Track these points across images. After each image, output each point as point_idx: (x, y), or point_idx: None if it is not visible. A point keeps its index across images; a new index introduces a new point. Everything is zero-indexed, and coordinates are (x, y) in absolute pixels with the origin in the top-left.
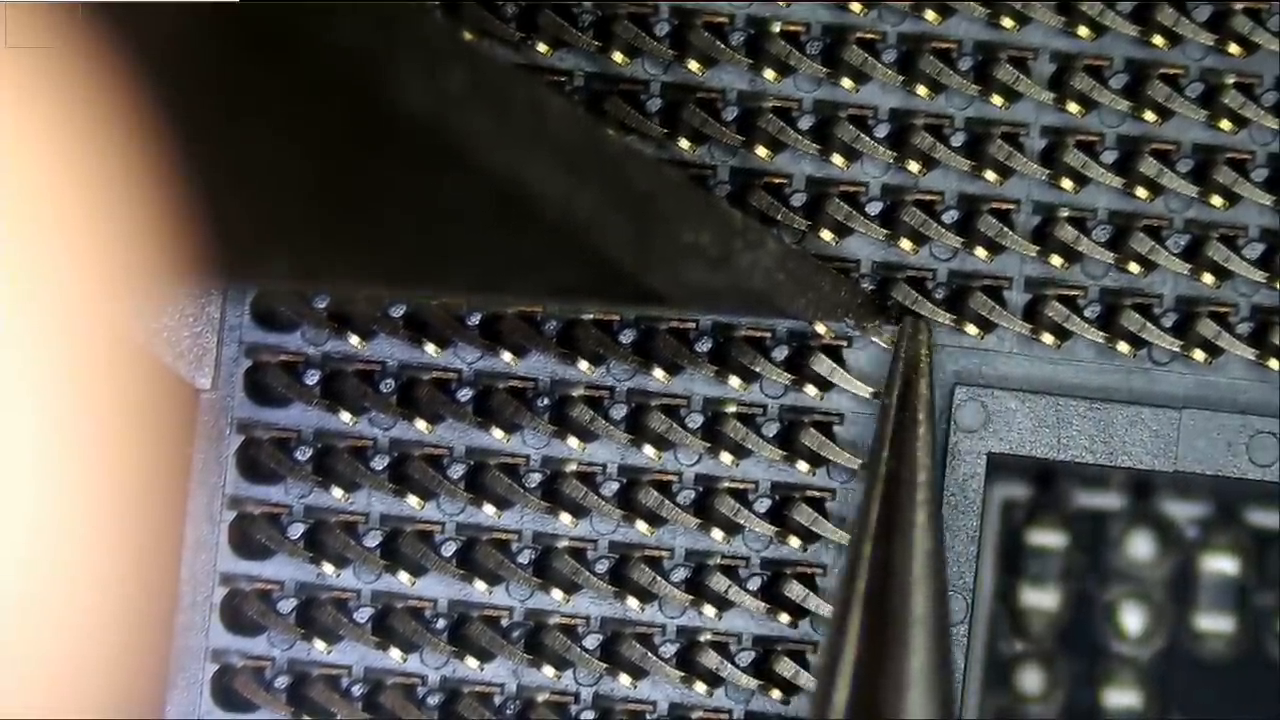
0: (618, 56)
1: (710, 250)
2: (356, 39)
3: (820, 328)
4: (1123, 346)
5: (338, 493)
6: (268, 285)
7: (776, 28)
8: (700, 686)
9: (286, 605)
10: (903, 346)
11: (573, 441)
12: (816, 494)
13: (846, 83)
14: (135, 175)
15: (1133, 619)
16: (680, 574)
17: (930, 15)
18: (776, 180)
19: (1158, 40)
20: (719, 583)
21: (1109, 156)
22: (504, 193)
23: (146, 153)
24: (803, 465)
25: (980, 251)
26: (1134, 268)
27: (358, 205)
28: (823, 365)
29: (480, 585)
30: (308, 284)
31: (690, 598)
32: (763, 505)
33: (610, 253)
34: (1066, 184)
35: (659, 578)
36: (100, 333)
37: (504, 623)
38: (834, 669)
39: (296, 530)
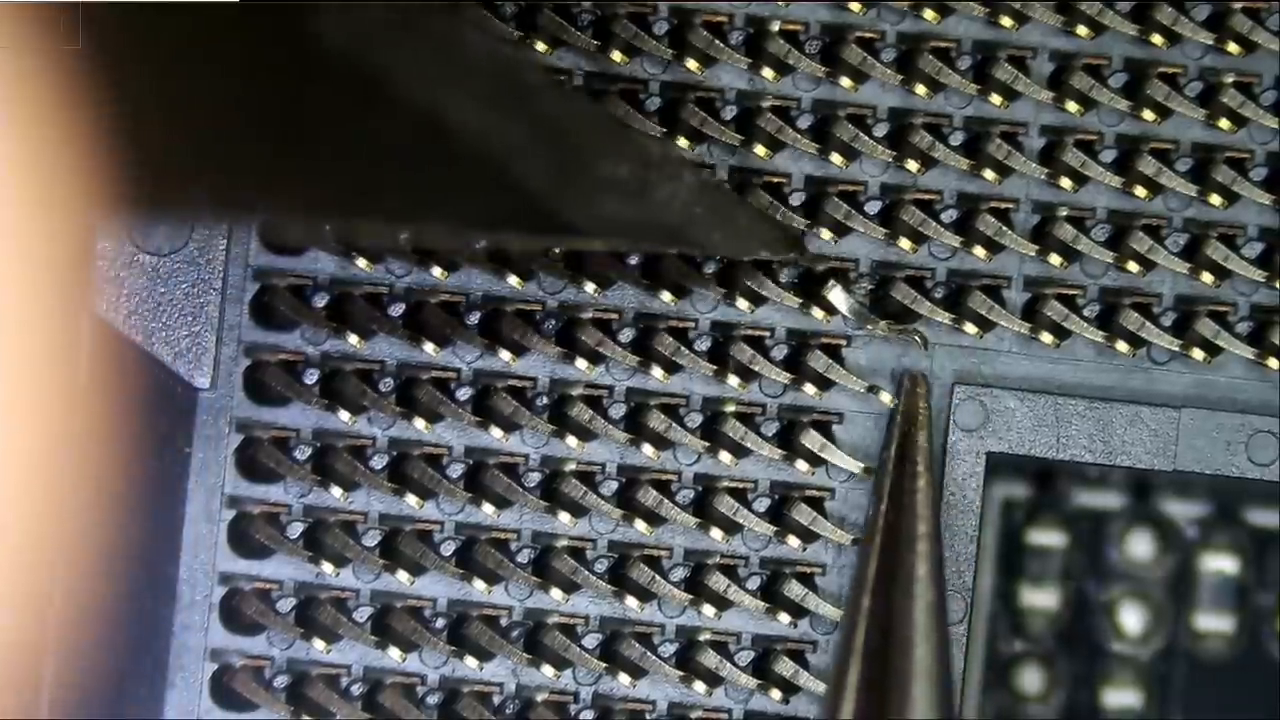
0: (617, 55)
1: (627, 183)
2: None
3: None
4: (1122, 346)
5: (337, 492)
6: (192, 216)
7: (775, 27)
8: (699, 686)
9: (286, 604)
10: (901, 400)
11: (571, 441)
12: (815, 493)
13: (845, 82)
14: (58, 107)
15: (1132, 619)
16: (679, 573)
17: (929, 14)
18: (775, 179)
19: (1157, 39)
20: (718, 582)
21: (1108, 155)
22: (423, 125)
23: (69, 86)
24: (802, 464)
25: (979, 250)
26: (1133, 267)
27: (279, 136)
28: (821, 364)
29: (479, 585)
30: (230, 214)
31: (689, 597)
32: (762, 504)
33: (529, 185)
34: (1065, 183)
35: (658, 577)
36: (63, 295)
37: (503, 622)
38: None
39: (295, 529)
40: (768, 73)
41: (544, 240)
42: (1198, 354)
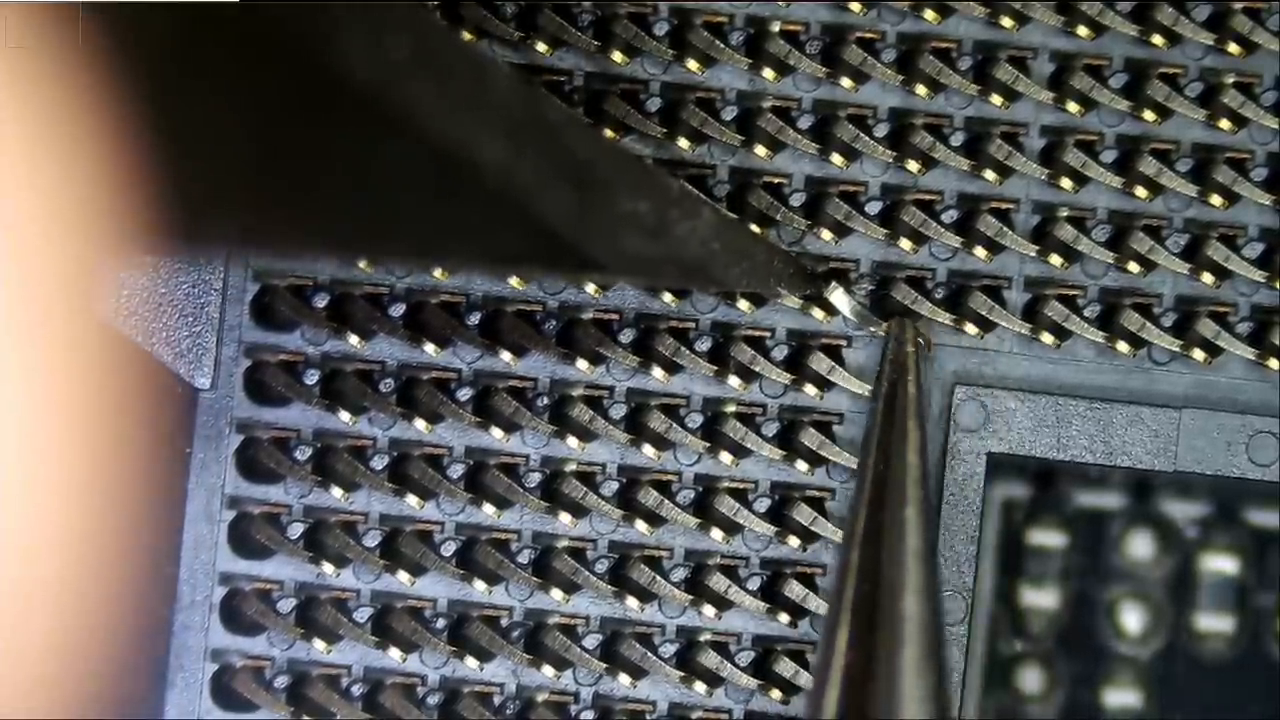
0: (617, 56)
1: (647, 219)
2: (304, 11)
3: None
4: (1122, 346)
5: (337, 492)
6: (220, 250)
7: (776, 27)
8: (700, 686)
9: (286, 605)
10: (889, 349)
11: (572, 441)
12: (816, 494)
13: (846, 82)
14: (93, 144)
15: (1133, 619)
16: (680, 574)
17: (930, 15)
18: (776, 180)
19: (1157, 40)
20: (718, 582)
21: (1108, 156)
22: (445, 160)
23: (103, 123)
24: (802, 465)
25: (980, 251)
26: (1133, 267)
27: (303, 171)
28: (822, 364)
29: (480, 585)
30: (256, 249)
31: (690, 597)
32: (762, 505)
33: (550, 221)
34: (1066, 183)
35: (658, 577)
36: (80, 312)
37: (503, 622)
38: (825, 677)
39: (296, 530)
40: (768, 73)
41: (564, 275)
42: (1198, 354)
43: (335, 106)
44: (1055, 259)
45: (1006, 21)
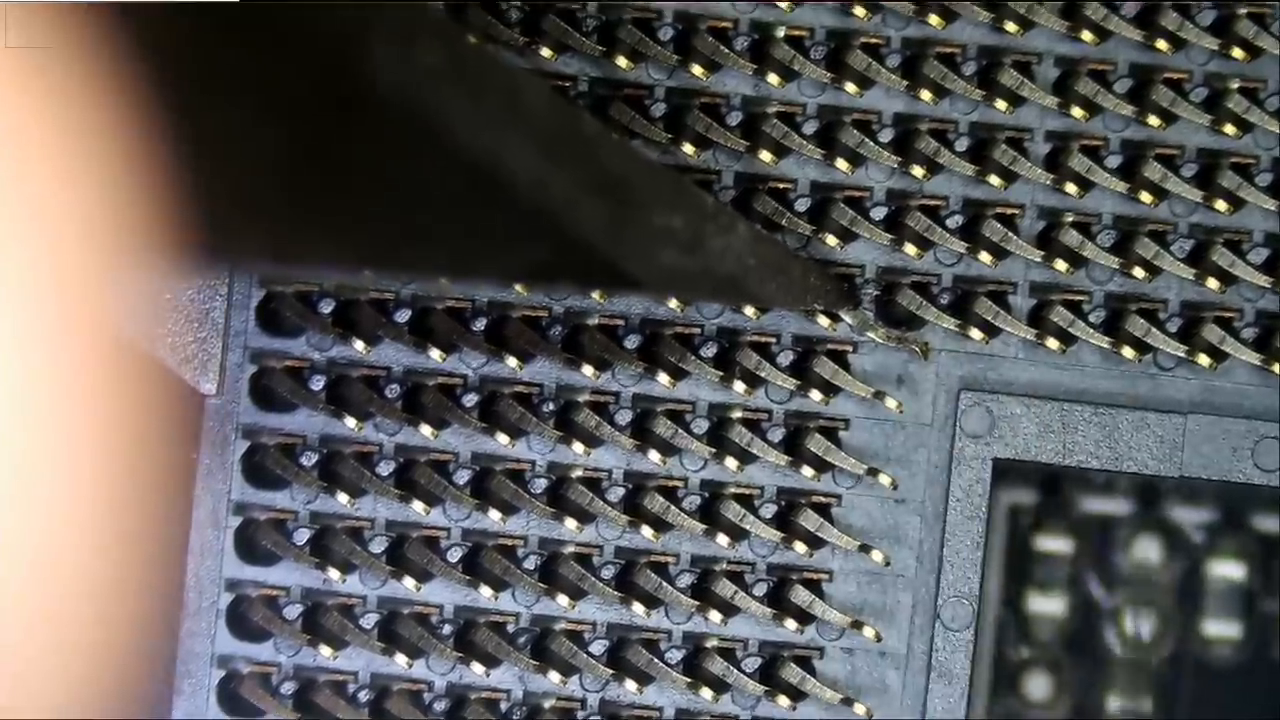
0: (622, 61)
1: (682, 234)
2: (332, 18)
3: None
4: (1128, 351)
5: (343, 498)
6: (248, 266)
7: (780, 32)
8: (706, 692)
9: (292, 611)
10: None
11: (578, 447)
12: (822, 499)
13: (850, 87)
14: (121, 158)
15: (1139, 624)
16: (686, 579)
17: (934, 20)
18: (781, 185)
19: (1162, 45)
20: (725, 588)
21: (1113, 161)
22: (478, 173)
23: (131, 136)
24: (808, 470)
25: (985, 256)
26: (1139, 272)
27: (333, 185)
28: (826, 369)
29: (486, 591)
30: (285, 263)
31: (696, 603)
32: (768, 510)
33: (584, 235)
34: (1071, 189)
35: (665, 583)
36: (95, 321)
37: (510, 628)
38: None
39: (302, 536)
40: (773, 78)
41: (598, 290)
42: (1204, 360)
43: (365, 117)
44: (1060, 264)
45: (1011, 27)
